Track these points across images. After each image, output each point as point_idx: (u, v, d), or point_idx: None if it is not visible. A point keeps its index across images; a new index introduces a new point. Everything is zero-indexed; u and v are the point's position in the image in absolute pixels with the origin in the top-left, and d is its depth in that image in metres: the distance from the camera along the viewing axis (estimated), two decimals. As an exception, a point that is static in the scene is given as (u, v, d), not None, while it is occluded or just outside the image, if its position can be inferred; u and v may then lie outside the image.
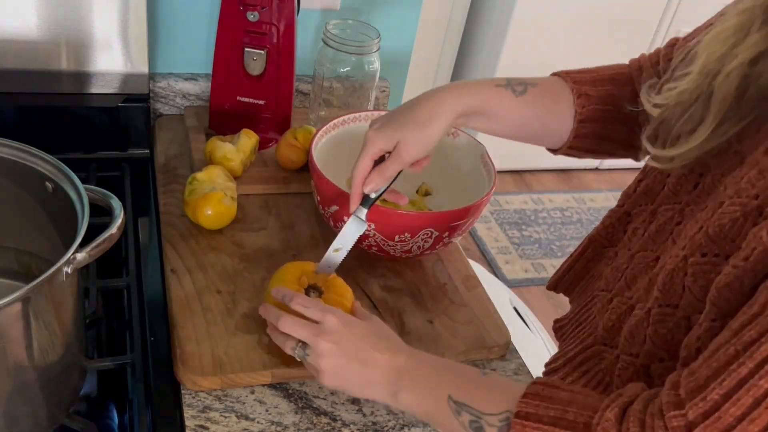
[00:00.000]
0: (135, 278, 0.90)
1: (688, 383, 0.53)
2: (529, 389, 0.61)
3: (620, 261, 0.76)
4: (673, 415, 0.53)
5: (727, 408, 0.50)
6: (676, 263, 0.63)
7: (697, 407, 0.51)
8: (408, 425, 0.79)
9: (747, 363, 0.50)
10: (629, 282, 0.73)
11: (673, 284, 0.63)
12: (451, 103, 0.79)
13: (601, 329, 0.74)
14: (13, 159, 0.72)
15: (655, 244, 0.71)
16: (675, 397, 0.54)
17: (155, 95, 1.18)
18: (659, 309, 0.65)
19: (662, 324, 0.65)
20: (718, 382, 0.51)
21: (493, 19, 2.66)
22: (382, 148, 0.80)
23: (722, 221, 0.58)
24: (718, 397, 0.51)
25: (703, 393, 0.52)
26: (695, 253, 0.60)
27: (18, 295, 0.58)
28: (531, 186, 2.99)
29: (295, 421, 0.77)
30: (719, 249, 0.58)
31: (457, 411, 0.64)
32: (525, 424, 0.59)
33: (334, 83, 1.14)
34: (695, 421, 0.51)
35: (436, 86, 0.83)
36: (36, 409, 0.69)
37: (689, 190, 0.68)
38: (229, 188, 0.97)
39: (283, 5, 1.04)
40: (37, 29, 0.99)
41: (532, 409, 0.60)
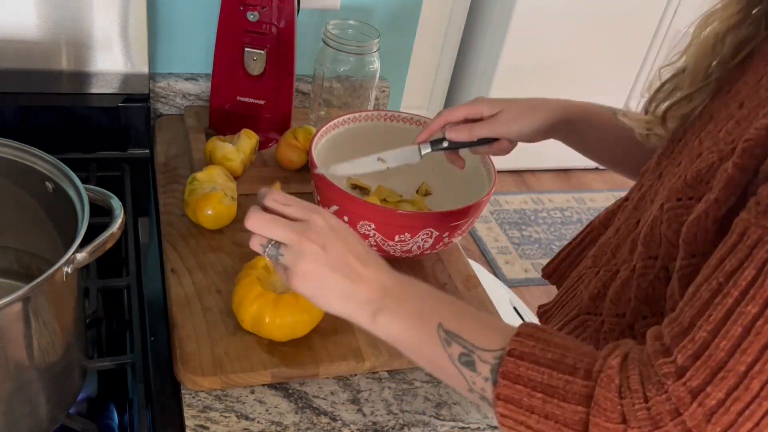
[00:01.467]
0: (135, 278, 0.90)
1: (672, 329, 0.52)
2: (521, 329, 0.57)
3: (607, 237, 0.77)
4: (662, 362, 0.51)
5: (717, 343, 0.48)
6: (655, 214, 0.63)
7: (686, 350, 0.49)
8: (408, 425, 0.79)
9: (732, 292, 0.48)
10: (614, 251, 0.72)
11: (653, 235, 0.63)
12: (558, 103, 0.86)
13: (587, 300, 0.73)
14: (13, 159, 0.72)
15: (638, 211, 0.71)
16: (660, 346, 0.52)
17: (155, 95, 1.18)
18: (642, 263, 0.64)
19: (644, 278, 0.64)
20: (704, 319, 0.49)
21: (493, 18, 2.66)
22: (481, 111, 0.86)
23: (699, 167, 0.58)
24: (706, 333, 0.49)
25: (690, 334, 0.50)
26: (671, 200, 0.60)
27: (18, 295, 0.58)
28: (531, 186, 2.99)
29: (295, 421, 0.77)
30: (693, 192, 0.58)
31: (446, 341, 0.59)
32: (519, 363, 0.55)
33: (334, 83, 1.14)
34: (686, 365, 0.49)
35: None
36: (36, 409, 0.69)
37: (667, 155, 0.70)
38: (229, 188, 0.97)
39: (283, 5, 1.04)
40: (37, 29, 0.99)
41: (527, 348, 0.56)
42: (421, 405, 0.82)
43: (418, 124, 1.04)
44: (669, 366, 0.50)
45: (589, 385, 0.53)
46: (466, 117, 0.87)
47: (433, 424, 0.80)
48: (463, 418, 0.81)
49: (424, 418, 0.80)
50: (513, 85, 2.72)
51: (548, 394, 0.54)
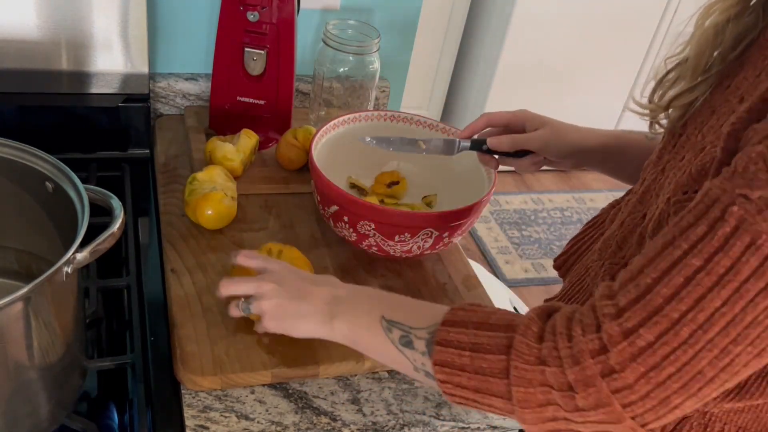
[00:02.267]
0: (135, 278, 0.90)
1: (623, 275, 0.54)
2: (455, 306, 0.64)
3: (611, 230, 0.78)
4: (604, 303, 0.53)
5: (658, 290, 0.51)
6: (662, 208, 0.65)
7: (629, 293, 0.52)
8: (408, 425, 0.79)
9: (681, 244, 0.50)
10: (620, 244, 0.74)
11: (660, 227, 0.65)
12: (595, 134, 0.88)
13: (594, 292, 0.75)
14: (13, 159, 0.72)
15: (642, 205, 0.73)
16: (608, 290, 0.55)
17: (155, 95, 1.18)
18: None
19: None
20: (651, 267, 0.52)
21: (493, 19, 2.66)
22: (524, 123, 0.88)
23: (704, 161, 0.60)
24: (650, 280, 0.51)
25: (636, 279, 0.52)
26: (677, 193, 0.62)
27: (18, 295, 0.58)
28: (531, 186, 2.99)
29: (295, 421, 0.77)
30: (698, 185, 0.59)
31: (388, 329, 0.66)
32: (450, 330, 0.61)
33: (334, 83, 1.14)
34: (625, 307, 0.52)
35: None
36: (36, 409, 0.69)
37: (669, 150, 0.71)
38: (229, 188, 0.97)
39: (283, 5, 1.04)
40: (37, 29, 0.99)
41: (458, 318, 0.62)
42: (421, 405, 0.82)
43: (418, 124, 1.04)
44: (610, 307, 0.53)
45: (509, 336, 0.58)
46: (508, 124, 0.89)
47: (433, 424, 0.80)
48: (463, 418, 0.81)
49: (424, 418, 0.80)
50: (513, 85, 2.72)
51: (475, 350, 0.59)
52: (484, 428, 0.82)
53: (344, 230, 0.92)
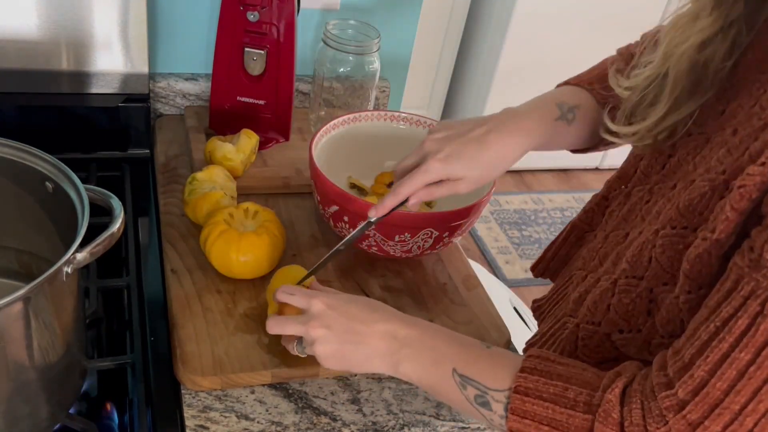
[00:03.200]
0: (135, 278, 0.90)
1: (675, 363, 0.56)
2: (525, 363, 0.62)
3: (596, 242, 0.78)
4: (665, 395, 0.55)
5: (713, 383, 0.52)
6: (647, 237, 0.65)
7: (686, 385, 0.54)
8: (408, 425, 0.79)
9: (727, 338, 0.52)
10: (602, 259, 0.74)
11: (641, 256, 0.65)
12: (519, 147, 0.80)
13: (571, 302, 0.76)
14: (13, 159, 0.72)
15: (627, 223, 0.73)
16: (664, 378, 0.56)
17: (155, 95, 1.18)
18: (625, 280, 0.67)
19: (626, 294, 0.66)
20: (702, 359, 0.53)
21: (493, 19, 2.66)
22: (441, 178, 0.79)
23: (692, 196, 0.60)
24: (704, 373, 0.53)
25: (690, 371, 0.54)
26: (666, 227, 0.63)
27: (18, 295, 0.58)
28: (531, 186, 2.99)
29: (295, 421, 0.77)
30: (687, 222, 0.61)
31: (462, 385, 0.64)
32: (525, 399, 0.60)
33: (334, 83, 1.14)
34: (686, 399, 0.54)
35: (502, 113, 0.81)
36: (36, 409, 0.69)
37: (658, 171, 0.70)
38: (229, 188, 0.97)
39: (283, 5, 1.04)
40: (37, 29, 0.99)
41: (531, 384, 0.61)
42: (421, 405, 0.82)
43: (418, 124, 1.04)
44: (671, 399, 0.54)
45: (588, 419, 0.58)
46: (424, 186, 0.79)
47: (433, 424, 0.80)
48: (463, 418, 0.81)
49: (424, 418, 0.80)
50: (513, 85, 2.72)
51: (553, 426, 0.59)
52: (484, 428, 0.82)
53: (344, 230, 0.92)
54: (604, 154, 3.09)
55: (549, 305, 0.84)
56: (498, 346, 0.87)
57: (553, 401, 0.59)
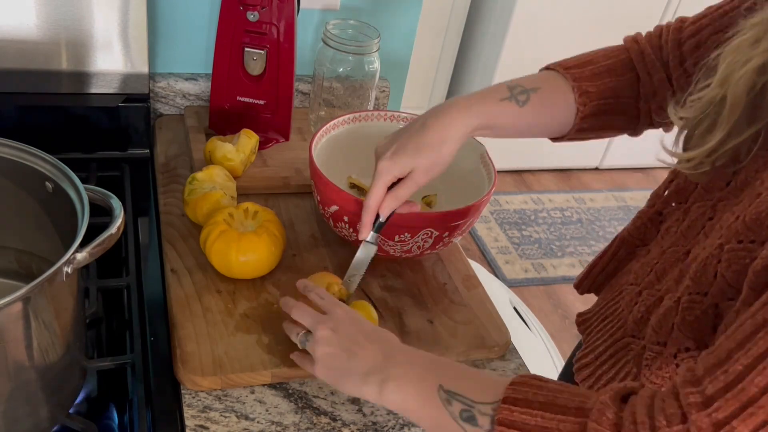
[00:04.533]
0: (135, 278, 0.90)
1: (708, 360, 0.51)
2: (516, 378, 0.60)
3: (651, 257, 0.77)
4: (689, 391, 0.50)
5: (752, 378, 0.47)
6: (711, 252, 0.63)
7: (717, 381, 0.49)
8: (408, 425, 0.79)
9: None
10: (659, 275, 0.73)
11: (705, 272, 0.63)
12: (459, 125, 0.80)
13: (631, 322, 0.75)
14: (13, 159, 0.72)
15: (686, 239, 0.71)
16: (691, 376, 0.52)
17: (155, 95, 1.18)
18: (689, 297, 0.65)
19: (690, 311, 0.64)
20: (742, 353, 0.48)
21: (493, 19, 2.66)
22: (396, 175, 0.81)
23: (759, 209, 0.58)
24: (742, 367, 0.48)
25: (725, 366, 0.49)
26: (731, 241, 0.60)
27: (18, 295, 0.58)
28: (531, 186, 2.99)
29: (295, 421, 0.77)
30: (755, 236, 0.58)
31: (447, 400, 0.62)
32: (513, 409, 0.58)
33: (334, 83, 1.14)
34: (714, 395, 0.49)
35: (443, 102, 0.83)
36: (36, 409, 0.69)
37: (722, 187, 0.69)
38: (228, 188, 0.97)
39: (283, 5, 1.04)
40: (37, 29, 0.99)
41: (520, 395, 0.58)
42: (421, 405, 0.82)
43: (418, 124, 1.04)
44: (696, 395, 0.50)
45: (581, 422, 0.54)
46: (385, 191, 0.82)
47: (433, 424, 0.80)
48: (463, 418, 0.81)
49: (424, 418, 0.80)
50: (513, 85, 2.72)
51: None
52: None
53: (344, 230, 0.92)
54: (604, 155, 3.09)
55: (597, 319, 0.83)
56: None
57: (543, 408, 0.57)
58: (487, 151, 1.00)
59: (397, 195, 0.82)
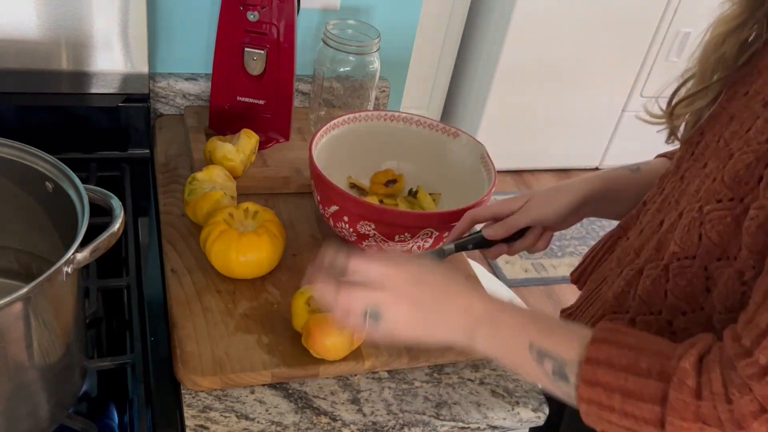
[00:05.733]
0: (135, 278, 0.90)
1: (750, 331, 0.54)
2: (596, 335, 0.61)
3: (630, 240, 0.78)
4: (745, 363, 0.54)
5: None
6: (692, 216, 0.65)
7: (767, 350, 0.53)
8: (408, 425, 0.79)
9: None
10: (637, 252, 0.75)
11: (690, 236, 0.65)
12: (579, 183, 0.85)
13: (611, 298, 0.76)
14: (13, 159, 0.72)
15: (660, 213, 0.73)
16: (740, 348, 0.55)
17: (155, 95, 1.18)
18: (678, 263, 0.66)
19: (682, 276, 0.66)
20: None
21: (493, 19, 2.66)
22: (510, 207, 0.84)
23: (736, 167, 0.61)
24: None
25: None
26: (711, 201, 0.62)
27: (18, 295, 0.58)
28: (531, 186, 2.99)
29: (295, 421, 0.77)
30: (734, 193, 0.60)
31: (539, 359, 0.63)
32: (596, 369, 0.59)
33: (334, 83, 1.14)
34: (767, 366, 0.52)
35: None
36: (36, 409, 0.69)
37: (687, 158, 0.72)
38: (229, 188, 0.97)
39: (283, 5, 1.04)
40: (37, 29, 0.99)
41: (603, 354, 0.59)
42: (421, 405, 0.82)
43: (418, 124, 1.04)
44: (753, 366, 0.53)
45: (662, 387, 0.57)
46: (494, 216, 0.85)
47: (433, 424, 0.80)
48: (463, 418, 0.81)
49: (424, 418, 0.80)
50: (513, 85, 2.72)
51: (626, 395, 0.58)
52: (484, 428, 0.82)
53: (344, 230, 0.92)
54: (604, 155, 3.09)
55: (580, 311, 0.84)
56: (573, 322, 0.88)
57: (625, 369, 0.58)
58: (487, 151, 1.00)
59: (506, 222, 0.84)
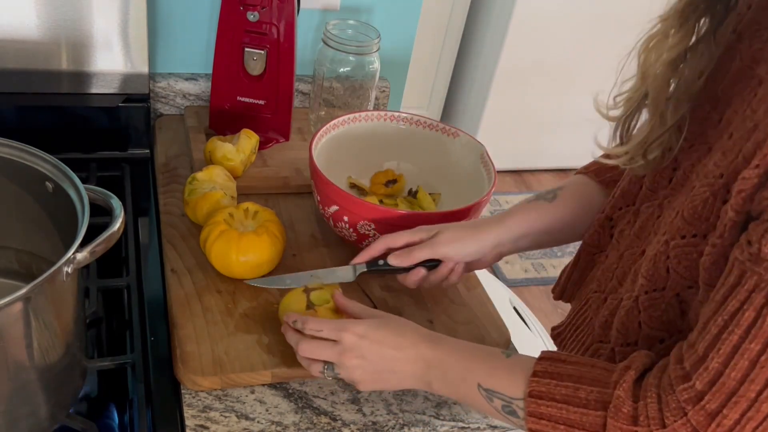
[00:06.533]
0: (135, 278, 0.90)
1: (690, 356, 0.57)
2: (537, 367, 0.65)
3: (610, 262, 0.78)
4: (683, 388, 0.57)
5: (728, 374, 0.54)
6: (658, 248, 0.66)
7: (702, 377, 0.55)
8: (408, 425, 0.79)
9: (735, 330, 0.54)
10: (620, 280, 0.75)
11: (656, 269, 0.66)
12: (494, 224, 0.85)
13: (597, 327, 0.76)
14: (13, 159, 0.72)
15: (640, 240, 0.73)
16: (681, 371, 0.58)
17: (155, 95, 1.18)
18: (646, 295, 0.67)
19: (654, 308, 0.67)
20: (715, 351, 0.55)
21: (493, 19, 2.66)
22: (421, 236, 0.84)
23: (694, 203, 0.62)
24: (718, 365, 0.55)
25: (705, 363, 0.56)
26: (675, 237, 0.64)
27: (18, 295, 0.58)
28: (531, 186, 2.99)
29: (295, 421, 0.77)
30: (696, 229, 0.62)
31: (488, 398, 0.67)
32: (539, 402, 0.63)
33: (334, 83, 1.14)
34: (703, 390, 0.55)
35: None
36: (36, 409, 0.69)
37: (665, 186, 0.71)
38: (229, 188, 0.97)
39: (283, 5, 1.04)
40: (37, 29, 0.99)
41: (543, 387, 0.63)
42: (421, 405, 0.82)
43: (417, 124, 1.04)
44: (689, 391, 0.56)
45: (601, 416, 0.60)
46: (407, 243, 0.84)
47: (433, 424, 0.80)
48: (462, 418, 0.81)
49: (424, 418, 0.80)
50: (513, 85, 2.72)
51: (569, 425, 0.62)
52: (484, 428, 0.82)
53: (344, 230, 0.92)
54: (604, 154, 3.09)
55: (569, 331, 0.84)
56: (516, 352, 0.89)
57: (566, 401, 0.62)
58: (487, 151, 1.00)
59: (412, 251, 0.83)
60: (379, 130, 1.04)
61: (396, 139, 1.05)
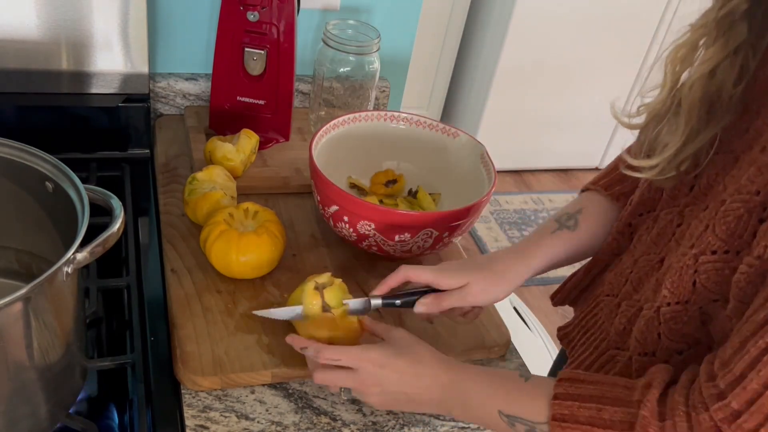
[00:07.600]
0: (135, 278, 0.90)
1: (725, 375, 0.57)
2: (557, 390, 0.65)
3: (624, 266, 0.78)
4: (718, 407, 0.56)
5: (750, 378, 0.54)
6: (685, 262, 0.65)
7: (740, 397, 0.55)
8: (408, 425, 0.79)
9: None
10: (636, 285, 0.74)
11: (682, 282, 0.65)
12: (522, 268, 0.82)
13: (613, 334, 0.76)
14: (13, 159, 0.72)
15: (658, 247, 0.72)
16: (715, 389, 0.57)
17: (155, 95, 1.18)
18: (668, 308, 0.67)
19: (675, 321, 0.66)
20: (755, 372, 0.54)
21: (493, 19, 2.66)
22: (449, 285, 0.79)
23: (727, 219, 0.60)
24: (758, 386, 0.54)
25: (743, 383, 0.55)
26: (705, 252, 0.63)
27: (18, 295, 0.58)
28: (531, 186, 2.99)
29: (295, 421, 0.77)
30: (728, 246, 0.61)
31: (510, 423, 0.67)
32: (564, 426, 0.63)
33: (334, 83, 1.14)
34: (740, 410, 0.55)
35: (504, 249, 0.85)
36: (36, 409, 0.69)
37: (686, 193, 0.70)
38: (229, 188, 0.97)
39: (283, 5, 1.04)
40: (37, 29, 0.99)
41: (566, 410, 0.63)
42: (421, 405, 0.82)
43: (417, 124, 1.04)
44: (725, 410, 0.56)
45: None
46: (429, 284, 0.80)
47: (433, 424, 0.80)
48: (463, 418, 0.81)
49: (424, 418, 0.80)
50: (513, 85, 2.72)
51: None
52: (484, 429, 0.82)
53: (344, 230, 0.92)
54: (605, 155, 3.09)
55: (578, 332, 0.84)
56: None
57: (591, 423, 0.62)
58: (488, 151, 1.00)
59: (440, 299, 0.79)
60: (379, 130, 1.04)
61: (396, 139, 1.05)
